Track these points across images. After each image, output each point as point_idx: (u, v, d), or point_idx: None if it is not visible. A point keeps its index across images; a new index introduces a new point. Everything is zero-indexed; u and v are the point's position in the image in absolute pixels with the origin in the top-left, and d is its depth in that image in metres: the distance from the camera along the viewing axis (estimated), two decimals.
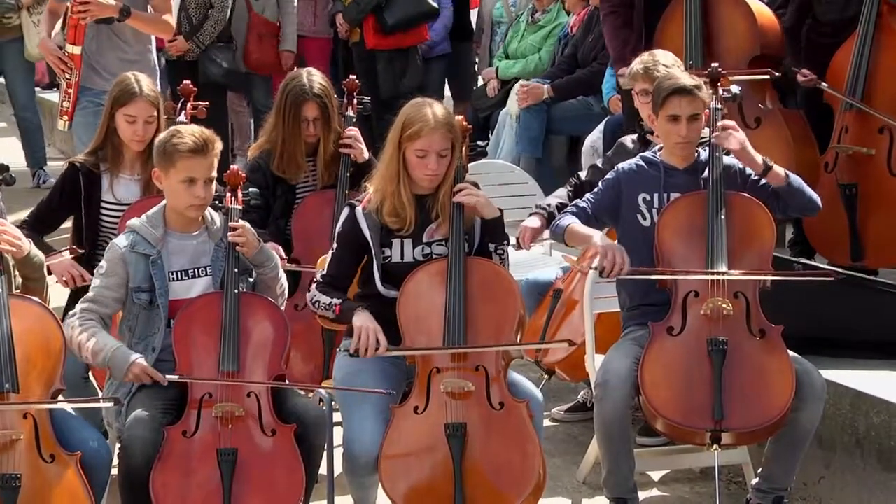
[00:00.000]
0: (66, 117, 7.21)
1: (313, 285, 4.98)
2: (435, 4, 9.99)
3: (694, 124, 5.00)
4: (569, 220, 5.08)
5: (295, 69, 7.20)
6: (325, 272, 4.96)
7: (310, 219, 5.92)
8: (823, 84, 7.06)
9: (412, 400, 4.78)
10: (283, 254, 5.69)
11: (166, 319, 4.83)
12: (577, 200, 5.19)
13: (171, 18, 7.51)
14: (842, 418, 5.50)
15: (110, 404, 4.74)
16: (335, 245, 4.97)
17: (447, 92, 10.69)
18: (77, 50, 7.11)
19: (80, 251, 5.62)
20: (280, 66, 9.70)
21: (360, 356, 4.76)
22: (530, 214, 5.63)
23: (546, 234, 5.56)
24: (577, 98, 8.97)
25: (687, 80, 5.04)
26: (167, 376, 4.70)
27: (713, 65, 5.35)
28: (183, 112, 6.12)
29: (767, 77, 6.72)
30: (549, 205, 5.63)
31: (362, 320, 4.79)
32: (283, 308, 4.98)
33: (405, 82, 9.86)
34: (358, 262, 4.97)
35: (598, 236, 5.00)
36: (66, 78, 7.14)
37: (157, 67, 7.58)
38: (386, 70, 9.84)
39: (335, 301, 4.88)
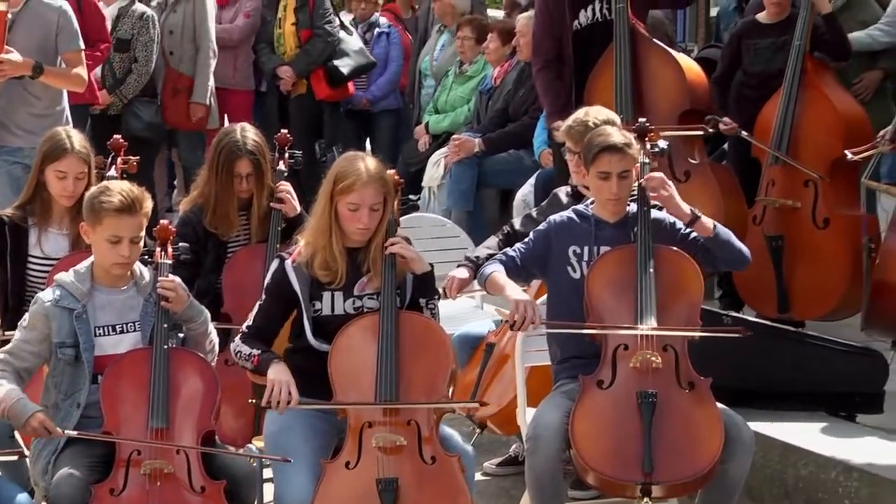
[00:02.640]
0: None
1: (238, 336, 4.96)
2: (372, 57, 10.06)
3: (624, 181, 5.04)
4: (493, 268, 5.10)
5: (227, 124, 7.19)
6: (250, 323, 4.95)
7: (241, 273, 5.89)
8: (744, 133, 7.17)
9: (344, 455, 4.75)
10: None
11: (91, 375, 4.78)
12: (507, 249, 5.21)
13: (84, 72, 7.47)
14: (770, 470, 5.54)
15: (14, 457, 4.67)
16: (263, 296, 4.96)
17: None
18: None
19: None
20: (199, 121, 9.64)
21: (271, 409, 4.74)
22: (459, 265, 5.65)
23: (475, 285, 5.58)
24: (508, 152, 9.02)
25: (618, 137, 5.07)
26: (66, 431, 4.65)
27: (641, 119, 5.41)
28: (113, 167, 6.08)
29: (701, 133, 6.81)
30: (477, 256, 5.65)
31: (275, 373, 4.77)
32: (213, 363, 4.95)
33: (339, 135, 9.91)
34: (284, 315, 4.95)
35: (510, 288, 5.02)
36: None
37: (70, 121, 7.50)
38: (331, 121, 9.89)
39: (255, 352, 4.86)
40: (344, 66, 9.79)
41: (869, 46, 7.62)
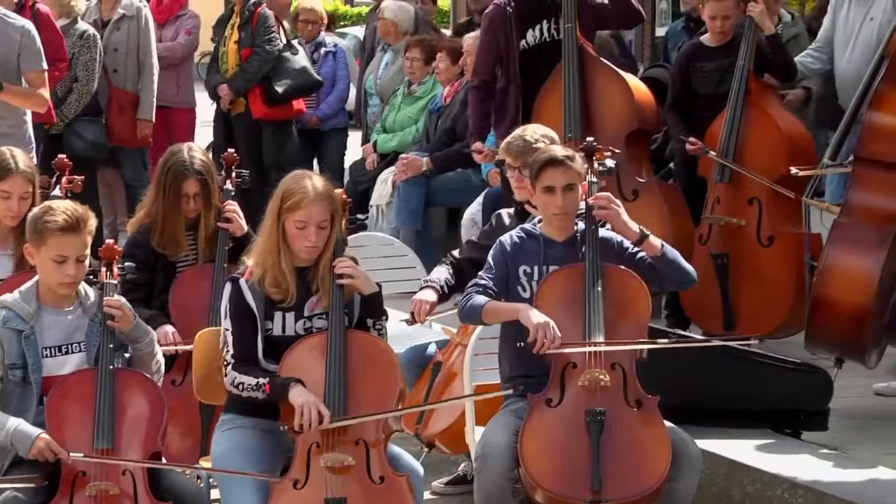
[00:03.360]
0: None
1: (228, 368, 4.85)
2: (318, 77, 10.04)
3: (570, 194, 5.04)
4: (483, 299, 5.04)
5: (175, 143, 7.15)
6: (233, 352, 4.86)
7: (187, 294, 5.86)
8: (711, 153, 7.22)
9: (292, 474, 4.72)
10: (177, 337, 5.67)
11: (38, 396, 4.74)
12: (476, 279, 5.16)
13: (46, 92, 7.43)
14: (717, 487, 5.57)
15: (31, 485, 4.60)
16: (229, 323, 4.88)
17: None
18: None
19: None
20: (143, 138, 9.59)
21: (303, 431, 4.68)
22: (422, 288, 5.63)
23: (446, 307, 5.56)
24: (456, 170, 9.04)
25: (560, 151, 5.11)
26: (71, 454, 4.60)
27: (588, 139, 5.43)
28: (58, 186, 6.04)
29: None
30: (437, 279, 5.63)
31: (301, 395, 4.70)
32: (159, 384, 4.91)
33: (286, 153, 9.90)
34: (257, 333, 4.91)
35: (525, 309, 4.94)
36: None
37: (33, 141, 7.47)
38: (270, 140, 9.85)
39: (262, 381, 4.78)
40: (282, 85, 9.76)
41: (801, 74, 7.71)
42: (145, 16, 9.64)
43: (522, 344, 4.91)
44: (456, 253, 5.84)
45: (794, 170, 6.71)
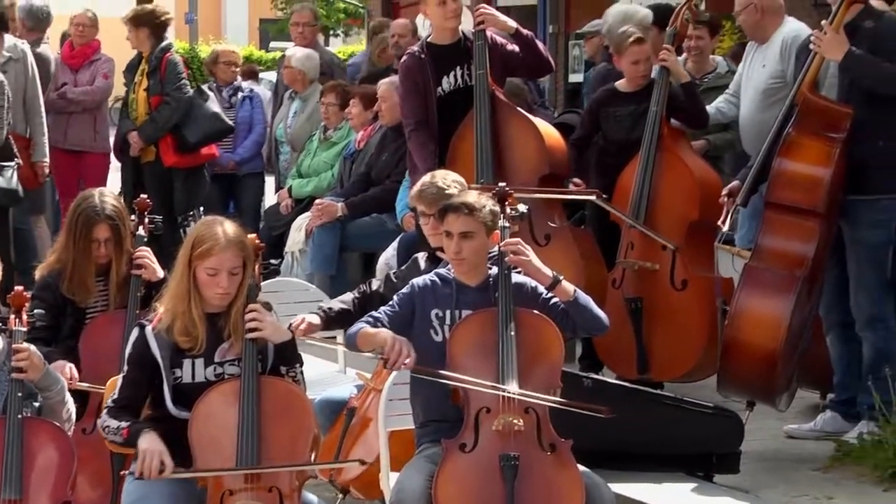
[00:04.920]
0: None
1: (104, 410, 4.85)
2: (229, 122, 10.01)
3: (467, 242, 5.05)
4: (360, 325, 5.08)
5: (86, 189, 7.08)
6: (116, 396, 4.86)
7: (98, 339, 5.79)
8: (593, 197, 7.29)
9: None
10: (74, 373, 5.58)
11: None
12: (373, 312, 5.18)
13: None
14: None
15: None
16: (126, 367, 4.87)
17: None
18: None
19: None
20: (37, 180, 9.48)
21: (144, 479, 4.66)
22: (311, 312, 5.65)
23: (337, 336, 5.54)
24: (371, 215, 9.05)
25: (464, 197, 5.12)
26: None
27: (500, 184, 5.46)
28: None
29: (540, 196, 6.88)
30: (331, 308, 5.66)
31: (147, 442, 4.69)
32: (70, 432, 4.85)
33: (197, 198, 9.85)
34: (150, 384, 4.87)
35: (385, 332, 5.00)
36: None
37: None
38: (181, 187, 9.79)
39: (122, 425, 4.77)
40: (193, 133, 9.72)
41: (717, 120, 7.84)
42: (30, 58, 9.55)
43: (379, 355, 4.96)
44: (374, 283, 5.86)
45: (720, 223, 6.78)
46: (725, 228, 6.78)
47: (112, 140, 10.26)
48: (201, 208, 10.11)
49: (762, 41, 7.54)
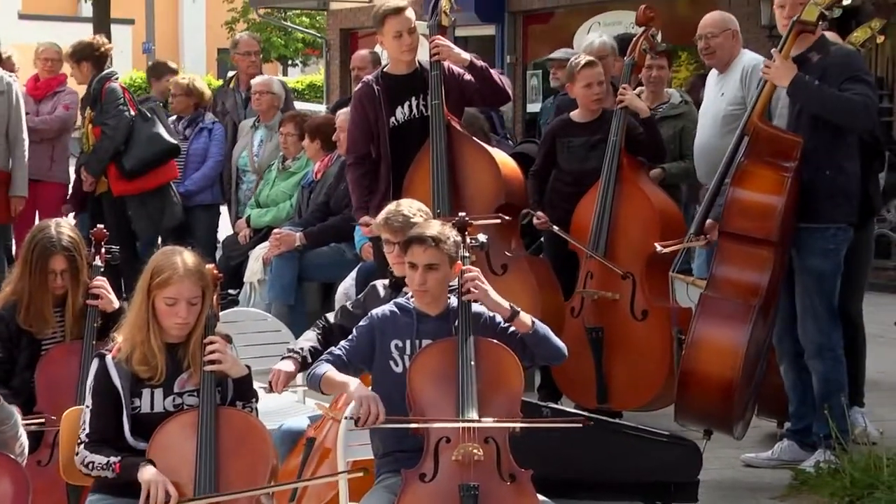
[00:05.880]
0: None
1: (80, 447, 4.80)
2: (173, 141, 9.92)
3: (432, 273, 5.05)
4: (325, 368, 5.06)
5: (42, 219, 7.06)
6: (88, 431, 4.80)
7: (55, 371, 5.75)
8: (555, 228, 7.32)
9: None
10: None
11: None
12: (332, 348, 5.18)
13: None
14: None
15: None
16: (90, 400, 4.83)
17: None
18: None
19: None
20: (9, 214, 9.44)
21: None
22: (283, 358, 5.61)
23: (299, 379, 5.54)
24: (329, 245, 9.04)
25: (429, 230, 5.11)
26: None
27: (460, 214, 5.47)
28: None
29: (498, 221, 6.89)
30: (301, 348, 5.61)
31: (151, 474, 4.66)
32: (23, 464, 4.80)
33: (164, 222, 9.80)
34: (118, 414, 4.84)
35: (354, 384, 4.99)
36: None
37: None
38: (139, 213, 9.74)
39: (113, 459, 4.73)
40: (129, 159, 9.66)
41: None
42: (15, 91, 9.54)
43: (349, 418, 4.92)
44: (331, 317, 5.84)
45: (657, 247, 6.83)
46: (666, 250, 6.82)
47: (73, 171, 10.25)
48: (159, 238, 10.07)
49: (724, 68, 7.61)
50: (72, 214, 9.95)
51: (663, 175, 8.04)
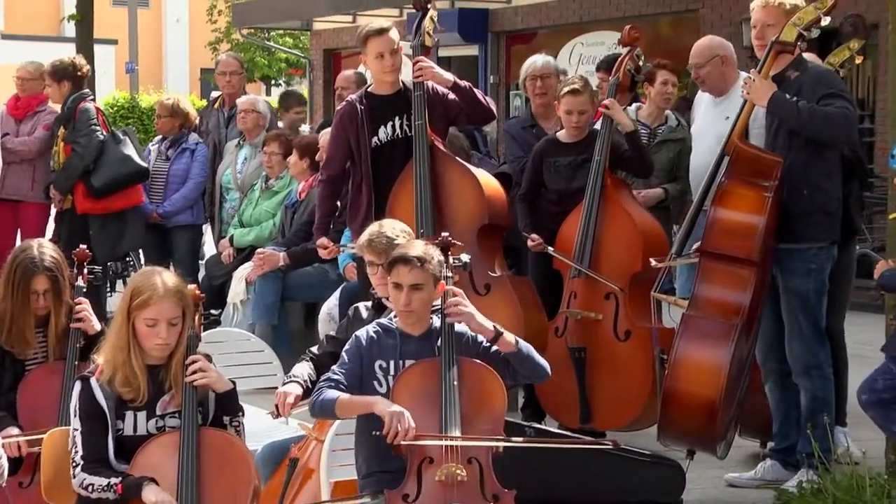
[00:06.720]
0: None
1: (77, 469, 4.78)
2: (143, 164, 9.91)
3: (417, 294, 5.05)
4: (335, 394, 5.01)
5: (25, 240, 7.03)
6: (82, 453, 4.79)
7: (36, 392, 5.72)
8: (550, 249, 7.33)
9: None
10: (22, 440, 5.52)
11: None
12: (328, 374, 5.14)
13: None
14: None
15: None
16: (78, 423, 4.81)
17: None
18: None
19: None
20: None
21: None
22: (286, 382, 5.58)
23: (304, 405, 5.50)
24: (313, 265, 9.03)
25: (413, 250, 5.11)
26: None
27: (443, 234, 5.47)
28: None
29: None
30: (301, 374, 5.59)
31: (156, 494, 4.66)
32: (3, 485, 4.78)
33: (122, 245, 9.77)
34: (107, 434, 4.82)
35: (380, 401, 4.94)
36: None
37: None
38: (99, 234, 9.71)
39: (114, 481, 4.71)
40: (98, 177, 9.67)
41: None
42: None
43: (378, 433, 4.88)
44: (315, 349, 5.82)
45: (652, 262, 6.83)
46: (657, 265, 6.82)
47: None
48: (141, 259, 10.04)
49: (720, 94, 7.64)
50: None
51: (664, 195, 8.05)
